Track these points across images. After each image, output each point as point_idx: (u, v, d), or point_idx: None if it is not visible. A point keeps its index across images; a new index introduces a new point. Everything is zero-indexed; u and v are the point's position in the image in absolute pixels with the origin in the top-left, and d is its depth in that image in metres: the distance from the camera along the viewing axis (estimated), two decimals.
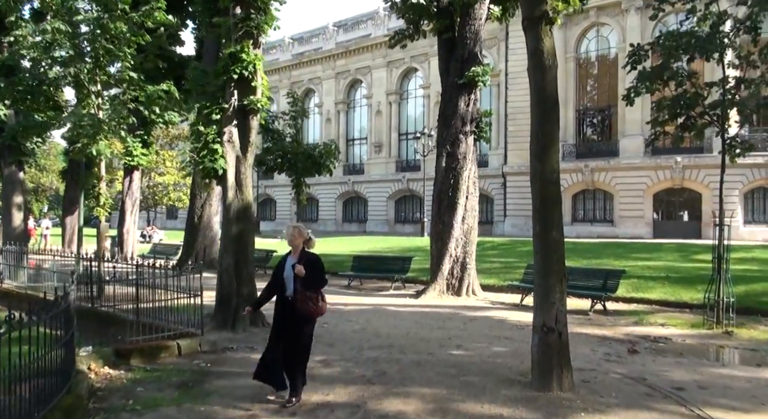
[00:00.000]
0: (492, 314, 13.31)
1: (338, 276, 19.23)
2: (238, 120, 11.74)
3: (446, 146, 15.74)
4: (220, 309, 11.65)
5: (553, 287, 7.25)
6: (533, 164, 7.50)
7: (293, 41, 70.45)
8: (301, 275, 6.79)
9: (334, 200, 62.71)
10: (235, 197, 11.68)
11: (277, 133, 20.47)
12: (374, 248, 31.83)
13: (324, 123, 64.28)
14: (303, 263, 6.91)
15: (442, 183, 15.88)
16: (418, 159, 51.54)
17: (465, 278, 15.60)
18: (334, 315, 13.15)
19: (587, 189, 44.02)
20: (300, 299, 6.83)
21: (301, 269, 6.79)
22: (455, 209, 15.52)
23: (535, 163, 7.48)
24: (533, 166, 7.50)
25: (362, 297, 15.99)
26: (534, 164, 7.49)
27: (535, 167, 7.47)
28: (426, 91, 54.18)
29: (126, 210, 28.96)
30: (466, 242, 15.67)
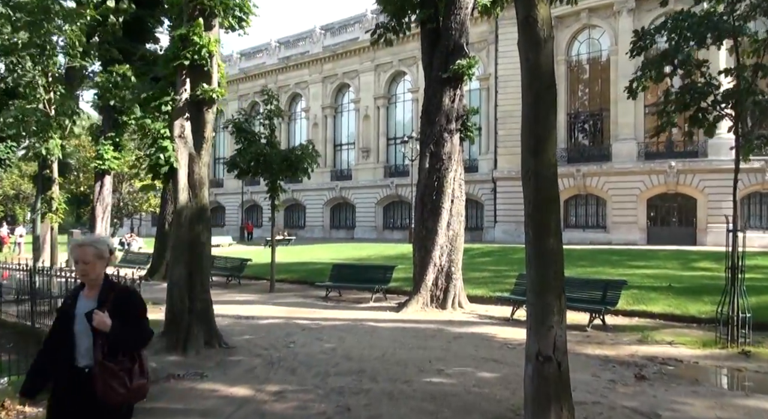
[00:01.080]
0: (479, 330, 11.95)
1: (315, 287, 17.84)
2: (191, 113, 10.38)
3: (430, 146, 14.41)
4: (169, 328, 10.26)
5: (551, 306, 5.91)
6: (526, 159, 6.18)
7: (279, 45, 69.23)
8: (105, 329, 3.74)
9: (321, 206, 61.39)
10: (187, 199, 10.31)
11: (250, 133, 19.18)
12: (359, 256, 30.48)
13: (311, 128, 63.04)
14: (108, 307, 3.84)
15: (425, 186, 14.54)
16: (406, 164, 50.32)
17: (450, 289, 14.25)
18: (304, 332, 11.82)
19: (579, 194, 42.88)
20: (102, 376, 3.75)
21: (104, 319, 3.74)
22: (440, 214, 14.18)
23: (528, 157, 6.15)
24: (526, 161, 6.18)
25: (338, 311, 14.61)
26: (527, 158, 6.16)
27: (528, 163, 6.15)
28: (414, 95, 52.94)
29: (96, 217, 27.42)
30: (452, 250, 14.32)
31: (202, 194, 10.41)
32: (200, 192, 10.39)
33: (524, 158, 6.20)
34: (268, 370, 8.93)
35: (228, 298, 17.44)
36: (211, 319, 10.53)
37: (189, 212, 10.31)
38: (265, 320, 13.34)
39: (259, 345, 10.66)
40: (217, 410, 7.07)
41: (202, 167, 10.41)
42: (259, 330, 12.08)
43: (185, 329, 10.12)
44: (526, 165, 6.15)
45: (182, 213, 10.28)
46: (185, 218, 10.28)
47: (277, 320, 13.29)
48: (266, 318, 13.53)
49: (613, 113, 41.44)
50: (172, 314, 10.24)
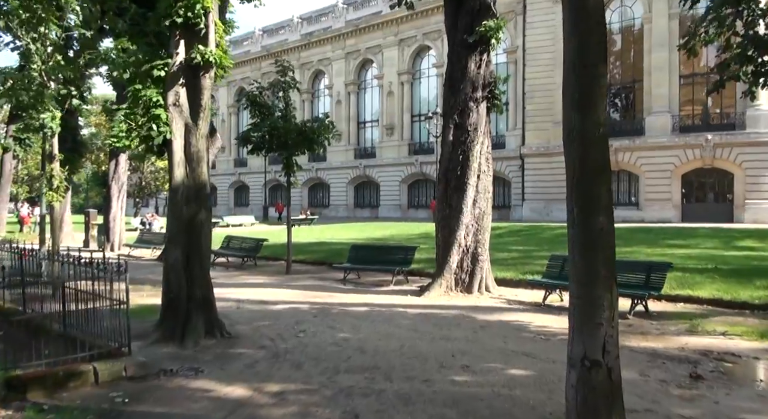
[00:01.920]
0: (509, 317, 10.85)
1: (334, 269, 16.85)
2: (186, 79, 9.35)
3: (453, 117, 13.23)
4: (166, 317, 9.33)
5: (600, 299, 4.81)
6: (569, 117, 5.03)
7: (302, 21, 68.06)
8: None
9: (345, 184, 60.48)
10: (184, 175, 9.31)
11: (265, 107, 18.14)
12: (381, 235, 29.46)
13: (334, 105, 61.91)
14: None
15: (449, 160, 13.38)
16: (431, 141, 49.06)
17: (476, 271, 13.13)
18: (316, 319, 10.83)
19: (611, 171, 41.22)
20: None
21: None
22: (465, 191, 13.04)
23: (571, 114, 5.00)
24: (569, 119, 5.03)
25: (355, 295, 13.59)
26: (570, 116, 5.01)
27: (571, 121, 5.00)
28: (440, 70, 51.43)
29: (112, 196, 26.89)
30: (478, 230, 13.19)
31: (200, 168, 9.40)
32: (198, 167, 9.39)
33: (566, 116, 5.05)
34: (272, 365, 7.95)
35: (240, 280, 16.54)
36: (212, 306, 9.57)
37: (185, 188, 9.32)
38: (276, 305, 12.38)
39: (265, 335, 9.69)
40: (205, 417, 6.10)
41: (200, 138, 9.39)
42: (268, 317, 11.12)
43: (183, 317, 9.18)
44: (569, 124, 5.00)
45: (178, 190, 9.28)
46: (181, 196, 9.29)
47: (288, 305, 12.32)
48: (277, 303, 12.57)
49: (647, 85, 39.70)
50: (169, 301, 9.30)
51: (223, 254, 20.78)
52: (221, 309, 11.72)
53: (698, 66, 39.46)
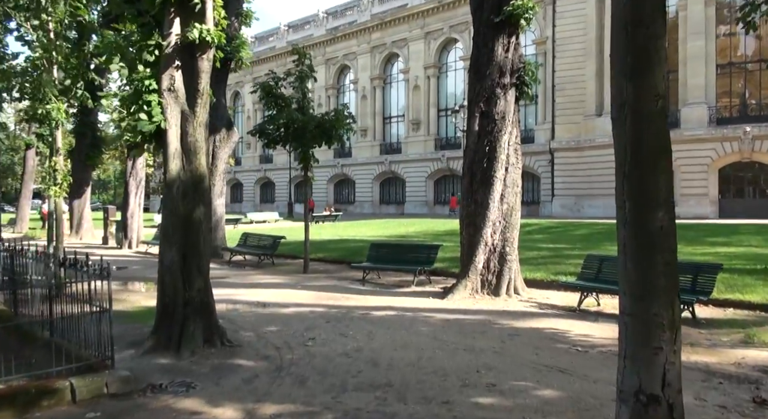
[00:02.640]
0: (540, 324, 9.83)
1: (353, 268, 15.92)
2: (182, 61, 8.47)
3: (479, 104, 12.22)
4: (161, 324, 8.50)
5: (658, 318, 3.82)
6: (619, 88, 4.02)
7: (327, 15, 67.34)
8: None
9: (370, 181, 59.64)
10: (180, 167, 8.45)
11: (281, 98, 17.29)
12: (405, 232, 28.53)
13: (359, 100, 61.10)
14: None
15: (474, 152, 12.37)
16: (458, 136, 47.92)
17: (504, 272, 12.11)
18: (328, 325, 9.92)
19: None
20: None
21: None
22: (491, 185, 12.02)
23: (622, 85, 3.99)
24: (619, 91, 4.02)
25: (373, 297, 12.65)
26: (621, 86, 4.00)
27: (622, 93, 3.99)
28: (467, 63, 50.17)
29: (130, 192, 26.30)
30: (506, 227, 12.17)
31: (198, 160, 8.53)
32: (196, 158, 8.51)
33: (617, 87, 4.04)
34: (273, 380, 7.06)
35: (254, 280, 15.71)
36: (212, 312, 8.70)
37: (182, 182, 8.45)
38: (288, 308, 11.51)
39: (270, 343, 8.82)
40: None
41: (198, 127, 8.52)
42: (277, 322, 10.24)
43: (179, 324, 8.34)
44: (620, 97, 3.99)
45: (174, 184, 8.42)
46: (177, 191, 8.43)
47: (301, 308, 11.43)
48: (289, 306, 11.70)
49: (681, 75, 38.17)
50: (164, 306, 8.46)
51: (239, 252, 20.00)
52: (227, 312, 10.94)
53: (735, 55, 37.88)
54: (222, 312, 10.95)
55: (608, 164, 40.02)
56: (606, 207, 39.71)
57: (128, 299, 12.64)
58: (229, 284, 14.89)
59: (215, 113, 21.27)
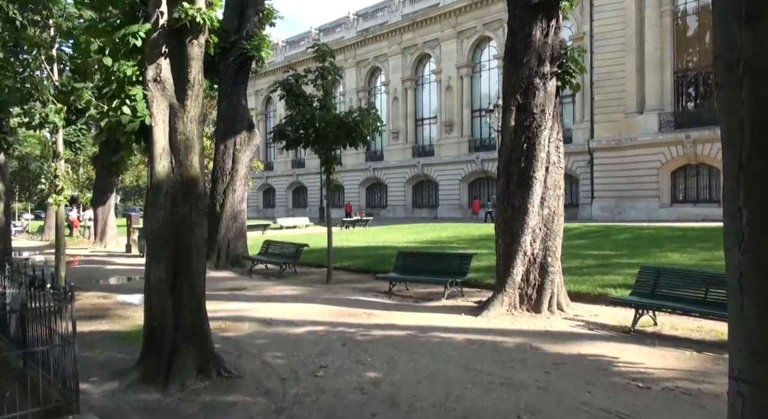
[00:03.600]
0: (590, 349, 8.43)
1: (378, 279, 14.65)
2: (170, 47, 7.33)
3: (515, 97, 10.88)
4: (148, 351, 7.34)
5: None
6: (730, 36, 2.66)
7: (358, 17, 66.37)
8: None
9: (403, 184, 58.36)
10: (169, 169, 7.31)
11: (302, 97, 16.14)
12: (438, 238, 27.18)
13: (391, 102, 59.96)
14: None
15: (510, 150, 11.02)
16: (493, 137, 46.49)
17: (546, 285, 10.73)
18: (345, 349, 8.66)
19: (689, 164, 37.86)
20: None
21: None
22: (530, 187, 10.66)
23: (736, 31, 2.64)
24: (729, 41, 2.66)
25: (398, 314, 11.35)
26: (733, 33, 2.65)
27: (734, 43, 2.64)
28: (501, 61, 48.69)
29: None
30: (547, 234, 10.80)
31: (190, 161, 7.37)
32: (187, 159, 7.36)
33: (725, 37, 2.68)
34: None
35: (272, 292, 14.55)
36: (206, 337, 7.51)
37: (171, 186, 7.31)
38: (302, 327, 10.29)
39: (275, 372, 7.60)
40: None
41: (189, 123, 7.35)
42: (287, 344, 9.02)
43: (168, 353, 7.18)
44: (729, 52, 2.63)
45: (161, 189, 7.28)
46: (165, 196, 7.28)
47: (316, 327, 10.21)
48: (304, 324, 10.48)
49: None
50: (151, 331, 7.31)
51: (260, 260, 18.90)
52: (233, 333, 9.78)
53: None
54: (227, 334, 9.81)
55: (650, 164, 38.28)
56: (649, 209, 37.85)
57: (131, 316, 11.57)
58: (244, 297, 13.76)
59: (236, 114, 20.28)
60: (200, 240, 7.49)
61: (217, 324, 10.67)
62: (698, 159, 36.91)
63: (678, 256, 16.90)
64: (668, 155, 37.67)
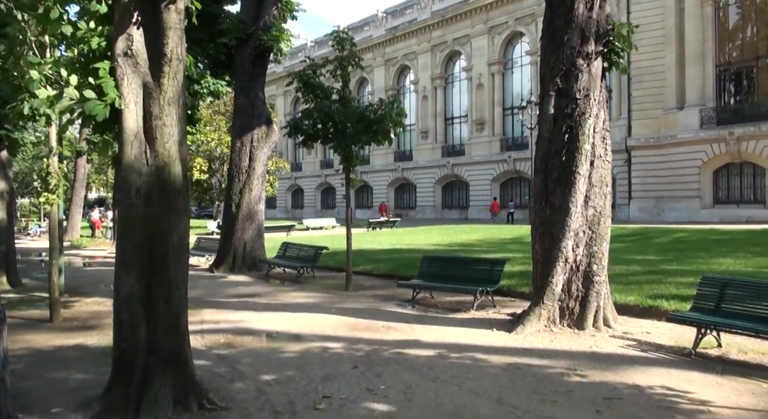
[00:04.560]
0: (646, 378, 7.02)
1: (401, 285, 13.34)
2: (143, 14, 6.12)
3: (555, 80, 9.51)
4: (117, 377, 6.14)
5: None
6: None
7: (386, 15, 65.21)
8: None
9: (432, 184, 57.08)
10: (142, 161, 6.11)
11: (320, 89, 14.93)
12: (468, 240, 25.82)
13: (420, 101, 58.76)
14: None
15: (549, 142, 9.64)
16: (526, 136, 44.97)
17: (590, 297, 9.32)
18: (356, 371, 7.41)
19: (732, 163, 35.99)
20: None
21: None
22: (572, 184, 9.28)
23: None
24: None
25: (422, 327, 10.04)
26: None
27: None
28: (534, 57, 47.18)
29: None
30: (592, 239, 9.39)
31: (168, 150, 6.16)
32: (164, 148, 6.15)
33: None
34: None
35: (284, 300, 13.35)
36: (186, 361, 6.30)
37: (145, 182, 6.11)
38: (311, 342, 9.05)
39: (270, 402, 6.36)
40: None
41: (166, 105, 6.15)
42: (289, 365, 7.78)
43: (139, 380, 5.98)
44: None
45: (132, 184, 6.08)
46: (137, 193, 6.08)
47: (327, 343, 8.95)
48: (313, 339, 9.24)
49: None
50: (121, 354, 6.11)
51: (278, 264, 17.72)
52: (231, 351, 8.58)
53: None
54: (224, 351, 8.61)
55: (691, 163, 36.34)
56: (689, 210, 36.00)
57: None
58: (253, 305, 12.58)
59: (253, 110, 19.19)
60: (180, 245, 6.27)
61: (217, 337, 9.52)
62: (742, 157, 35.06)
63: (731, 262, 15.34)
64: (710, 153, 35.82)
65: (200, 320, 10.93)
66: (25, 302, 13.62)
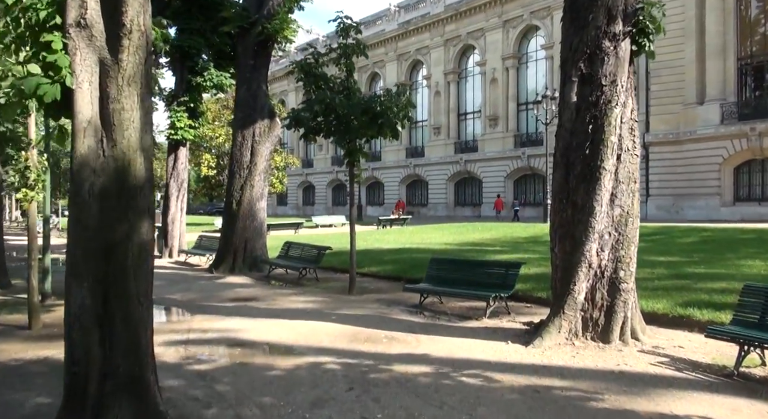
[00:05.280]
0: (685, 406, 6.02)
1: (407, 289, 12.39)
2: None
3: (578, 65, 8.53)
4: (68, 406, 5.26)
5: None
6: None
7: (399, 9, 64.21)
8: None
9: (444, 181, 56.03)
10: (97, 152, 5.21)
11: (322, 79, 14.01)
12: (481, 239, 24.82)
13: (433, 97, 57.72)
14: None
15: (570, 133, 8.65)
16: (540, 131, 43.95)
17: (617, 307, 8.32)
18: (351, 394, 6.50)
19: (754, 159, 34.75)
20: None
21: None
22: (597, 180, 8.29)
23: None
24: None
25: (428, 338, 9.09)
26: None
27: None
28: (549, 52, 46.11)
29: (171, 195, 23.66)
30: (619, 241, 8.40)
31: (128, 139, 5.26)
32: (123, 136, 5.25)
33: None
34: None
35: (282, 305, 12.43)
36: (147, 387, 5.39)
37: (98, 176, 5.21)
38: (303, 356, 8.14)
39: None
40: None
41: (126, 85, 5.24)
42: (275, 387, 6.85)
43: (93, 408, 5.09)
44: None
45: (85, 179, 5.19)
46: (91, 189, 5.19)
47: (321, 357, 8.04)
48: (307, 352, 8.32)
49: None
50: (73, 378, 5.22)
51: (279, 264, 16.83)
52: (213, 366, 7.68)
53: None
54: (205, 366, 7.70)
55: (711, 159, 35.09)
56: (709, 208, 34.82)
57: None
58: (248, 311, 11.69)
59: (255, 102, 18.34)
60: (141, 252, 5.37)
61: (202, 349, 8.64)
62: (764, 153, 33.85)
63: (762, 265, 14.26)
64: (731, 149, 34.58)
65: (188, 328, 10.06)
66: (9, 306, 12.84)
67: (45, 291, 13.68)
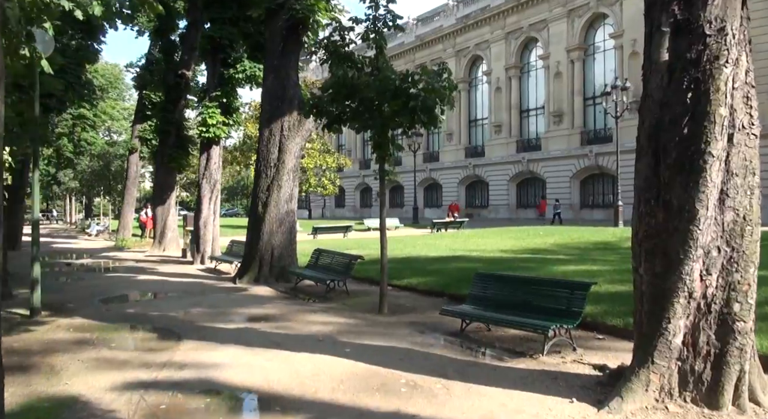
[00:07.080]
0: None
1: (445, 312, 10.01)
2: None
3: (671, 7, 5.98)
4: None
5: None
6: None
7: (457, 3, 61.88)
8: None
9: (506, 182, 53.32)
10: None
11: (349, 60, 11.84)
12: (542, 245, 22.22)
13: (493, 93, 55.10)
14: None
15: (660, 105, 6.11)
16: (609, 127, 40.90)
17: (730, 356, 5.72)
18: None
19: None
20: None
21: None
22: (700, 171, 5.74)
23: None
24: None
25: (464, 386, 6.71)
26: None
27: None
28: (618, 41, 42.92)
29: (203, 197, 21.94)
30: (732, 259, 5.83)
31: None
32: None
33: None
34: None
35: (294, 327, 10.23)
36: None
37: None
38: (293, 414, 5.92)
39: None
40: None
41: None
42: None
43: None
44: None
45: None
46: None
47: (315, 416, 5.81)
48: (299, 407, 6.09)
49: None
50: None
51: (304, 276, 14.73)
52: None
53: None
54: None
55: None
56: None
57: (64, 370, 7.62)
58: (251, 336, 9.57)
59: (284, 92, 16.33)
60: None
61: (159, 400, 6.51)
62: None
63: None
64: None
65: (163, 362, 8.00)
66: None
67: (33, 306, 12.01)
